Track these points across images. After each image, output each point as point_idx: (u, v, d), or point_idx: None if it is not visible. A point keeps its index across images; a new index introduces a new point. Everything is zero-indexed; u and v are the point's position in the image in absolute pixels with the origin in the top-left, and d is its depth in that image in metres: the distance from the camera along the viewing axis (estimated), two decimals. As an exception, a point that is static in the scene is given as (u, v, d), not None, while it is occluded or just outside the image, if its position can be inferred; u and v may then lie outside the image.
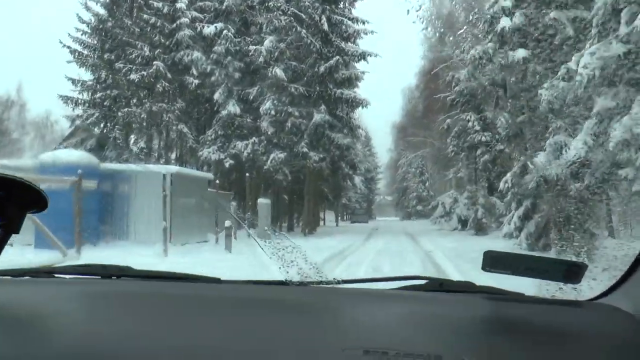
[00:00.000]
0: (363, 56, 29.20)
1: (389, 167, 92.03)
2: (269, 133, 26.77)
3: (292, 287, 1.57)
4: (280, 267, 2.02)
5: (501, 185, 19.38)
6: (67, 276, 1.63)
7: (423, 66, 50.52)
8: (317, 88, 27.73)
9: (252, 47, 28.02)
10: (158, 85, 27.93)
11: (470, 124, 26.58)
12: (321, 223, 46.91)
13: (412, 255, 15.56)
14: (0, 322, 1.16)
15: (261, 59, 27.45)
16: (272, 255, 2.23)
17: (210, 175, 22.33)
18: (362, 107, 28.85)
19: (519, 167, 15.80)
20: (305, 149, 26.35)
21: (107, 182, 17.48)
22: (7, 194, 0.99)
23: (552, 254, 13.16)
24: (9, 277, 1.60)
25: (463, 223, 32.24)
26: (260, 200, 22.62)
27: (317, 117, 26.53)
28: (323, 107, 27.23)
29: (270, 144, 27.31)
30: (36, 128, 53.42)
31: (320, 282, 1.62)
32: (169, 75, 28.27)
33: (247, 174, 24.15)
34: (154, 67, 27.81)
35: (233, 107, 27.72)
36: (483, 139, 25.98)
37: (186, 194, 18.26)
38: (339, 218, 69.94)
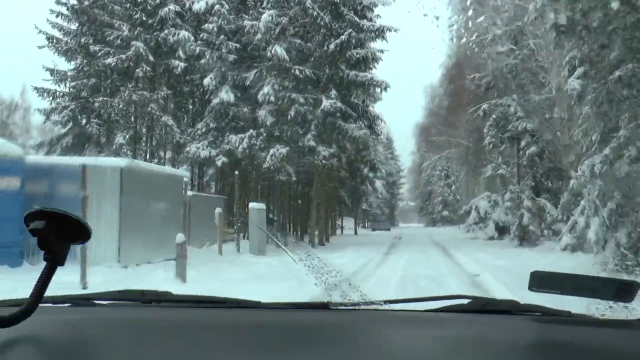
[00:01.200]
0: (381, 33, 24.30)
1: (411, 171, 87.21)
2: (269, 124, 22.07)
3: (335, 311, 1.54)
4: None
5: (573, 179, 14.57)
6: (106, 302, 1.61)
7: (450, 55, 45.51)
8: (327, 70, 22.90)
9: (248, 23, 23.40)
10: (138, 70, 23.34)
11: (511, 109, 21.59)
12: (338, 231, 42.00)
13: (453, 283, 10.61)
14: (41, 350, 1.14)
15: (259, 37, 22.81)
16: (316, 280, 2.40)
17: (184, 174, 17.58)
18: (382, 90, 23.88)
19: (613, 147, 10.77)
20: (312, 143, 21.56)
21: (36, 180, 12.90)
22: (49, 227, 1.01)
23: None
24: (50, 305, 1.50)
25: (501, 230, 27.13)
26: (252, 205, 17.85)
27: (326, 103, 21.73)
28: (333, 92, 22.41)
29: (271, 137, 22.61)
30: (42, 132, 49.88)
31: (362, 304, 1.64)
32: (151, 58, 23.70)
33: (236, 172, 19.28)
34: (133, 48, 23.30)
35: (227, 95, 23.04)
36: (528, 126, 20.98)
37: (145, 197, 13.62)
38: (359, 225, 65.04)
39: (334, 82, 22.84)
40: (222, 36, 23.56)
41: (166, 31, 24.15)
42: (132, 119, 24.81)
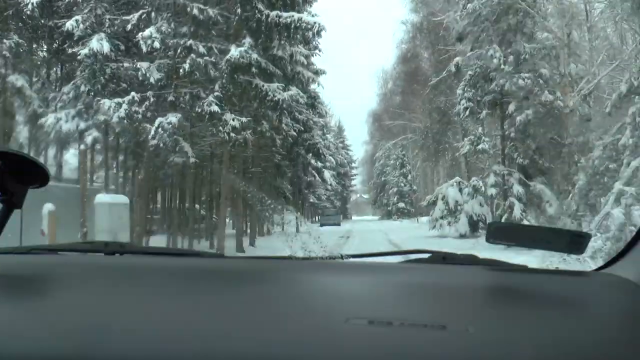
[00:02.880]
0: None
1: (365, 162, 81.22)
2: (153, 81, 15.26)
3: (296, 261, 1.56)
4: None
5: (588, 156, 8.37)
6: (71, 252, 1.63)
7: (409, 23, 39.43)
8: (238, 9, 16.18)
9: (127, -57, 16.47)
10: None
11: (495, 61, 15.43)
12: (277, 228, 35.33)
13: None
14: (2, 293, 1.13)
15: (145, -37, 16.01)
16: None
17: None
18: (314, 34, 17.12)
19: None
20: (214, 108, 14.78)
21: None
22: (7, 168, 0.95)
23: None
24: (12, 255, 1.54)
25: (474, 225, 21.06)
26: (100, 199, 11.10)
27: (235, 52, 14.98)
28: (248, 39, 15.76)
29: (160, 102, 15.85)
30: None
31: (325, 258, 1.63)
32: (-11, -8, 16.58)
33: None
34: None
35: (99, 44, 15.99)
36: (521, 83, 14.81)
37: None
38: (308, 220, 58.40)
39: (248, 25, 16.08)
40: (94, -37, 16.52)
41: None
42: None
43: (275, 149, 30.29)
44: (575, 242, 1.32)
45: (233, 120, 15.04)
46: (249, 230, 29.52)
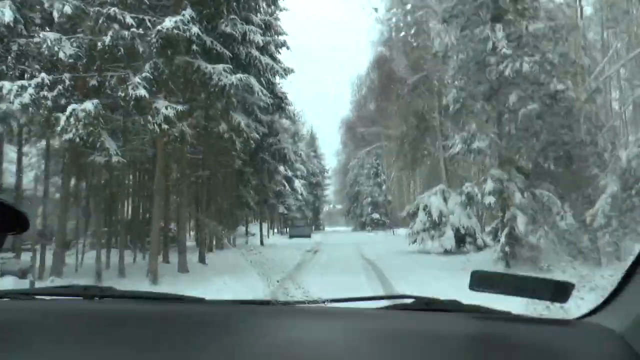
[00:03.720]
0: None
1: (337, 172, 78.09)
2: (64, 57, 11.96)
3: (277, 307, 1.50)
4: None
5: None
6: (48, 297, 1.56)
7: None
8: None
9: None
10: None
11: (491, 44, 12.45)
12: (240, 240, 31.98)
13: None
14: None
15: None
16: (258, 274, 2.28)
17: None
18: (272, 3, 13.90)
19: None
20: (141, 91, 11.56)
21: None
22: None
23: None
24: None
25: (461, 239, 18.10)
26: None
27: (168, 24, 11.82)
28: (189, 10, 12.58)
29: (78, 85, 12.57)
30: None
31: (306, 302, 1.61)
32: None
33: None
34: None
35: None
36: (525, 68, 11.86)
37: None
38: (276, 231, 55.02)
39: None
40: None
41: None
42: None
43: (235, 152, 27.11)
44: (560, 291, 1.31)
45: (166, 108, 11.78)
46: (214, 242, 26.22)
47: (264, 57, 16.42)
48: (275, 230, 57.20)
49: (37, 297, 1.55)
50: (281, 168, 48.88)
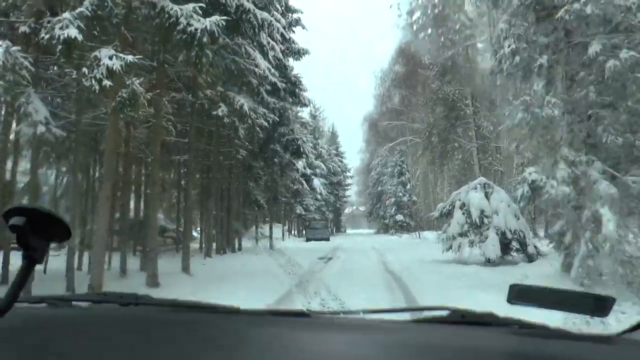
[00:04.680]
0: None
1: (360, 172, 74.36)
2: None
3: (313, 318, 1.50)
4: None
5: None
6: (84, 303, 1.58)
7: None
8: None
9: None
10: None
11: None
12: (249, 244, 28.58)
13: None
14: (15, 349, 1.12)
15: None
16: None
17: None
18: None
19: None
20: (71, 32, 8.23)
21: None
22: (29, 225, 0.98)
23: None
24: (27, 304, 1.50)
25: (505, 246, 14.37)
26: None
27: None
28: None
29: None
30: None
31: (341, 312, 1.63)
32: None
33: None
34: None
35: None
36: (617, 3, 8.26)
37: None
38: (292, 234, 51.58)
39: None
40: None
41: None
42: None
43: (239, 141, 23.68)
44: (600, 305, 1.29)
45: (111, 59, 8.36)
46: (220, 244, 22.79)
47: (262, 13, 12.90)
48: (294, 232, 53.78)
49: (74, 303, 1.55)
50: (299, 164, 45.46)
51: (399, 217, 51.35)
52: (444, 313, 1.42)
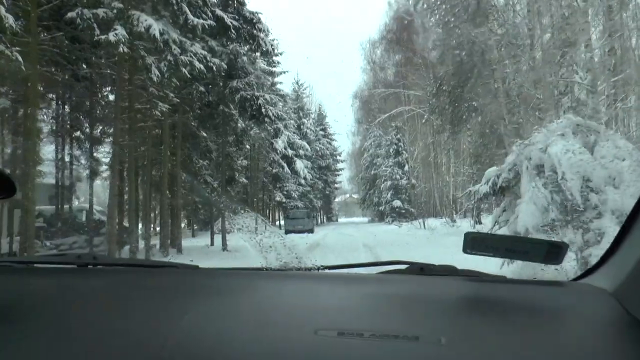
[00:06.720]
0: None
1: (352, 156, 66.63)
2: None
3: (270, 273, 1.51)
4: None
5: None
6: (44, 265, 1.60)
7: None
8: None
9: None
10: None
11: None
12: (202, 241, 21.07)
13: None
14: None
15: None
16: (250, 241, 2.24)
17: None
18: None
19: None
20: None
21: None
22: None
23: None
24: None
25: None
26: None
27: None
28: None
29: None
30: None
31: (299, 269, 1.59)
32: None
33: None
34: None
35: None
36: None
37: None
38: (271, 222, 44.03)
39: None
40: None
41: None
42: None
43: (164, 93, 16.08)
44: (553, 252, 1.29)
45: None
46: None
47: None
48: (277, 223, 46.21)
49: (31, 264, 1.55)
50: (279, 144, 37.71)
51: (397, 202, 43.97)
52: (403, 267, 1.43)
